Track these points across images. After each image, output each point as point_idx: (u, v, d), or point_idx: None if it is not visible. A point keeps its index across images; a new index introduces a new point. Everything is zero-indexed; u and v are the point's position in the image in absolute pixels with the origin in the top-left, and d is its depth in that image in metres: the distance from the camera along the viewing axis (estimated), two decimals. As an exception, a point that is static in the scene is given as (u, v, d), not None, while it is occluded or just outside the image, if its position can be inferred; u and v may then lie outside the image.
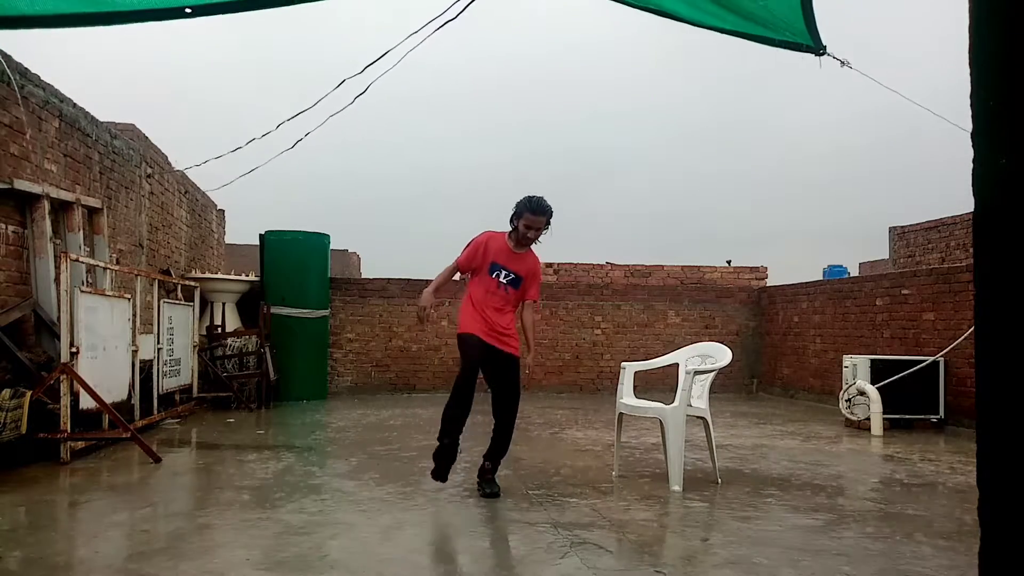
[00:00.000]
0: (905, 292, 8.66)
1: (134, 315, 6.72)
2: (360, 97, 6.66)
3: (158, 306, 7.61)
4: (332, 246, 10.92)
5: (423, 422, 7.83)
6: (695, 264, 12.15)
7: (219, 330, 9.50)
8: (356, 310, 11.25)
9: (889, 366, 7.83)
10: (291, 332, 10.00)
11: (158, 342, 7.48)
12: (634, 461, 5.68)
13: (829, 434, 7.37)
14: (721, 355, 5.04)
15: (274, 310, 9.89)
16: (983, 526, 0.94)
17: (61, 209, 6.78)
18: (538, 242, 4.66)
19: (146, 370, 7.17)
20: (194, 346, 8.53)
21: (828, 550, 3.47)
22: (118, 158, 8.21)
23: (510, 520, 3.95)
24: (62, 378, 5.35)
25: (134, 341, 6.68)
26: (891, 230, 17.75)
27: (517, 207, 4.57)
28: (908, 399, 7.73)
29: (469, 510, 4.17)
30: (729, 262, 12.34)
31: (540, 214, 4.53)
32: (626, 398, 5.19)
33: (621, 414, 5.15)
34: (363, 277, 15.04)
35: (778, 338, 11.40)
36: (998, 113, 0.93)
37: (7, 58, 5.96)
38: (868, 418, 7.49)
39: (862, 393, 7.63)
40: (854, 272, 19.25)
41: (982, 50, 0.95)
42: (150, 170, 9.25)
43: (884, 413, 7.46)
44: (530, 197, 4.56)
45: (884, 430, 7.38)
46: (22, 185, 6.06)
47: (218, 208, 13.53)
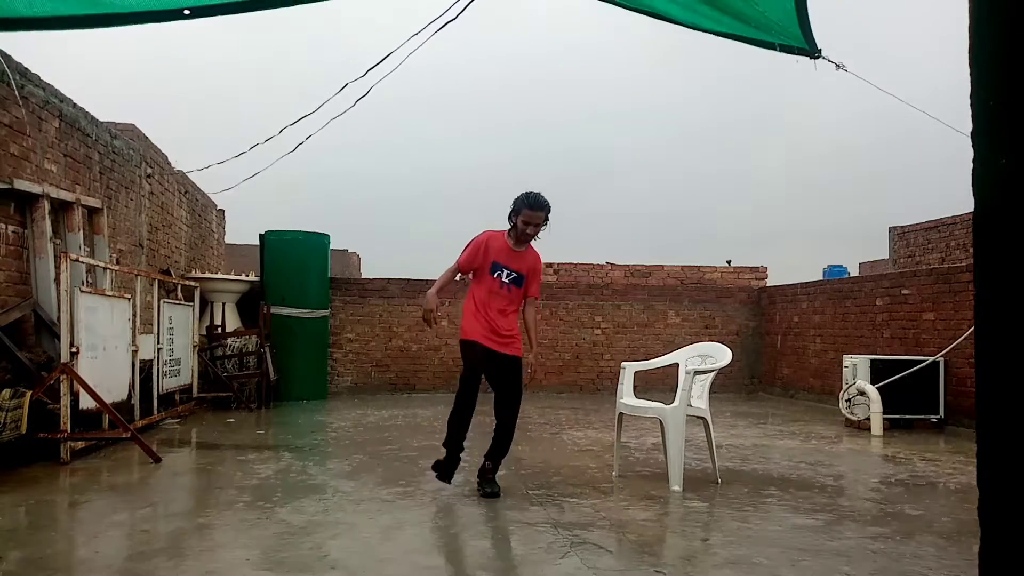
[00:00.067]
0: (905, 292, 8.66)
1: (134, 315, 6.72)
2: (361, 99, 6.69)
3: (158, 306, 7.61)
4: (332, 246, 10.92)
5: (423, 422, 7.83)
6: (695, 264, 12.15)
7: (219, 330, 9.50)
8: (356, 310, 11.25)
9: (889, 366, 7.83)
10: (291, 332, 10.00)
11: (158, 342, 7.48)
12: (634, 461, 5.68)
13: (829, 434, 7.37)
14: (721, 355, 5.04)
15: (274, 310, 9.89)
16: (983, 526, 0.94)
17: (61, 209, 6.78)
18: (537, 238, 4.66)
19: (146, 370, 7.17)
20: (194, 346, 8.53)
21: (828, 550, 3.47)
22: (118, 158, 8.21)
23: (510, 520, 3.95)
24: (62, 378, 5.35)
25: (134, 341, 6.68)
26: (891, 230, 17.76)
27: (515, 204, 4.57)
28: (908, 399, 7.73)
29: (469, 510, 4.17)
30: (729, 262, 12.34)
31: (538, 209, 4.53)
32: (626, 398, 5.19)
33: (621, 414, 5.15)
34: (363, 277, 15.04)
35: (778, 338, 11.40)
36: (998, 113, 0.93)
37: (7, 58, 5.96)
38: (868, 418, 7.49)
39: (862, 393, 7.63)
40: (854, 272, 19.25)
41: (982, 50, 0.95)
42: (150, 170, 9.25)
43: (884, 413, 7.46)
44: (527, 193, 4.56)
45: (884, 430, 7.39)
46: (22, 185, 6.07)
47: (218, 208, 13.53)
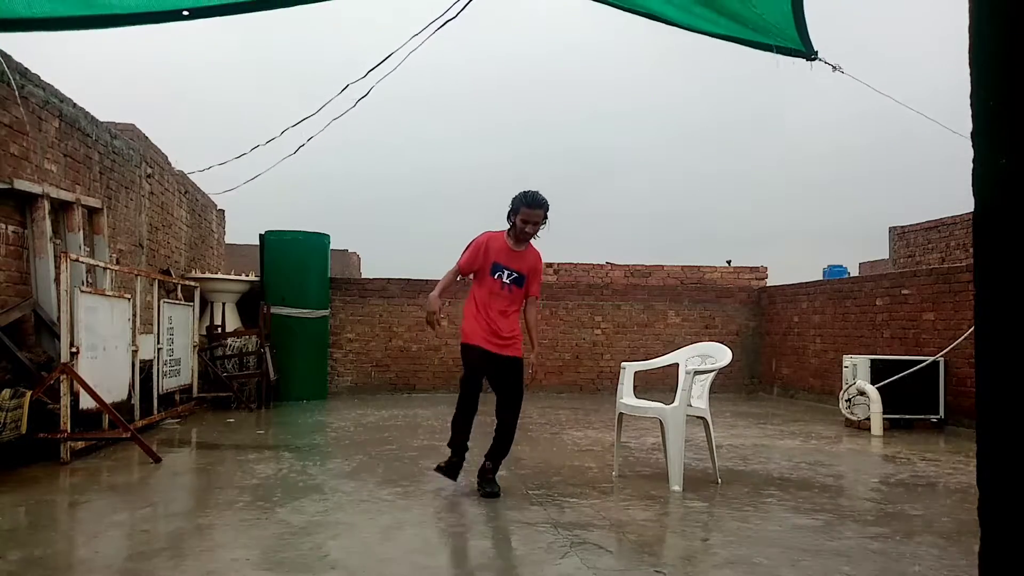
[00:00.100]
0: (905, 292, 8.66)
1: (134, 315, 6.72)
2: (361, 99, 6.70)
3: (158, 306, 7.61)
4: (332, 246, 10.92)
5: (423, 422, 7.83)
6: (695, 264, 12.15)
7: (219, 330, 9.50)
8: (356, 310, 11.25)
9: (889, 366, 7.83)
10: (291, 332, 10.00)
11: (158, 342, 7.48)
12: (634, 461, 5.68)
13: (829, 434, 7.37)
14: (721, 355, 5.04)
15: (274, 310, 9.89)
16: (983, 526, 0.94)
17: (61, 209, 6.78)
18: (536, 237, 4.66)
19: (146, 370, 7.17)
20: (194, 346, 8.53)
21: (828, 550, 3.47)
22: (118, 158, 8.21)
23: (510, 520, 3.95)
24: (62, 378, 5.35)
25: (134, 341, 6.68)
26: (891, 230, 17.76)
27: (513, 203, 4.57)
28: (908, 399, 7.73)
29: (469, 510, 4.17)
30: (729, 262, 12.34)
31: (536, 207, 4.53)
32: (626, 398, 5.19)
33: (621, 414, 5.15)
34: (363, 277, 15.04)
35: (778, 338, 11.40)
36: (998, 113, 0.93)
37: (7, 58, 5.96)
38: (868, 418, 7.49)
39: (862, 393, 7.63)
40: (854, 272, 19.25)
41: (982, 50, 0.95)
42: (150, 170, 9.25)
43: (884, 413, 7.46)
44: (525, 192, 4.57)
45: (884, 430, 7.39)
46: (22, 185, 6.07)
47: (218, 208, 13.53)
